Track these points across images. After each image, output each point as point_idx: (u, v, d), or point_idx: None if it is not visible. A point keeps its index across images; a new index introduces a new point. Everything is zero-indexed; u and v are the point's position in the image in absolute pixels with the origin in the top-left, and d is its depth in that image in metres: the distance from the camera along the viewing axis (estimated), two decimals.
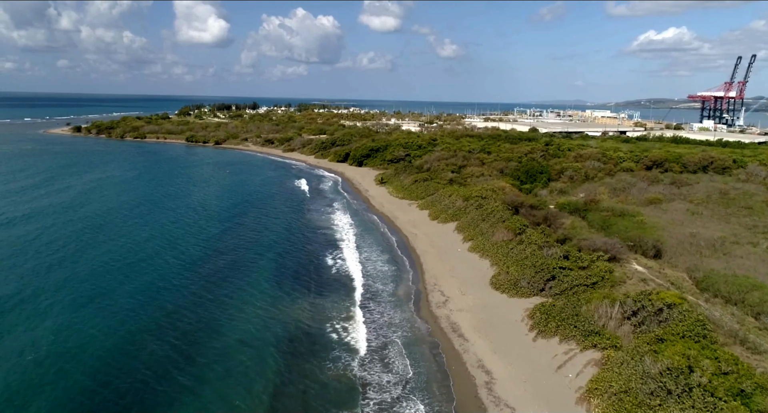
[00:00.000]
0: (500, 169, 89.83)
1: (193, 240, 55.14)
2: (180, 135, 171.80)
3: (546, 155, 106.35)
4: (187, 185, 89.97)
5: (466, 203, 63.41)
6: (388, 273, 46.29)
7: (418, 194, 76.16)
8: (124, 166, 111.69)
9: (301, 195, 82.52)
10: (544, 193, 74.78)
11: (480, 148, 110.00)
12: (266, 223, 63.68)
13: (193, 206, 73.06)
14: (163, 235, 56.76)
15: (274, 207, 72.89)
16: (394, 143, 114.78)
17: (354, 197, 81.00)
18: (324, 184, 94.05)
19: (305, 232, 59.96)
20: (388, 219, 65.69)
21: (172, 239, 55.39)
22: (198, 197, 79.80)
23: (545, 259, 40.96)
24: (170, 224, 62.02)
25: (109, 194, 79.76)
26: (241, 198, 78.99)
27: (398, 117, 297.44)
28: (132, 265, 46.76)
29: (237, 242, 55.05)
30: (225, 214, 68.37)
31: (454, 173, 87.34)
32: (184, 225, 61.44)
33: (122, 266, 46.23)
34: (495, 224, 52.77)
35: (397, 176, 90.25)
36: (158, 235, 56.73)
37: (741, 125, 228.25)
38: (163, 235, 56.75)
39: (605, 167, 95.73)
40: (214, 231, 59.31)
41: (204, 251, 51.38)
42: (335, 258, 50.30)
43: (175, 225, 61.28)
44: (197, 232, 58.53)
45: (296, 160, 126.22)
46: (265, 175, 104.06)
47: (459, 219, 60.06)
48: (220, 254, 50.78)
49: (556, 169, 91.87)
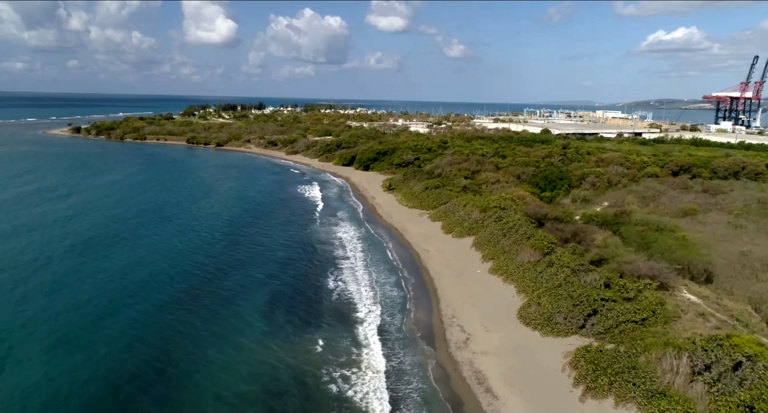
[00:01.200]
0: (517, 175, 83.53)
1: (175, 260, 49.15)
2: (181, 136, 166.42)
3: (564, 159, 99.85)
4: (179, 194, 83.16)
5: (483, 214, 57.24)
6: (398, 300, 40.21)
7: (429, 203, 70.03)
8: (117, 170, 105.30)
9: (301, 204, 76.26)
10: (567, 202, 68.44)
11: (494, 151, 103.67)
12: (261, 238, 57.66)
13: (182, 218, 66.44)
14: (144, 255, 50.40)
15: (271, 219, 66.69)
16: (402, 146, 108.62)
17: (360, 206, 74.92)
18: (327, 190, 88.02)
19: (304, 247, 53.98)
20: (396, 232, 59.62)
21: (153, 259, 49.08)
22: (189, 207, 72.60)
23: (583, 288, 34.75)
24: (153, 240, 55.55)
25: (92, 205, 72.62)
26: (237, 208, 72.48)
27: (406, 118, 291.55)
28: (107, 293, 41.01)
29: (228, 260, 49.11)
30: (216, 227, 62.11)
31: (467, 180, 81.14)
32: (169, 242, 54.92)
33: (91, 299, 40.40)
34: (518, 241, 46.58)
35: (406, 181, 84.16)
36: (137, 254, 50.60)
37: (758, 126, 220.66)
38: (143, 254, 50.45)
39: (629, 172, 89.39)
40: (202, 247, 53.40)
41: (187, 273, 45.49)
42: (337, 280, 44.28)
43: (159, 242, 54.76)
44: (182, 249, 52.51)
45: (299, 163, 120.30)
46: (265, 180, 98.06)
47: (476, 233, 53.90)
48: (206, 275, 44.89)
49: (577, 174, 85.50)
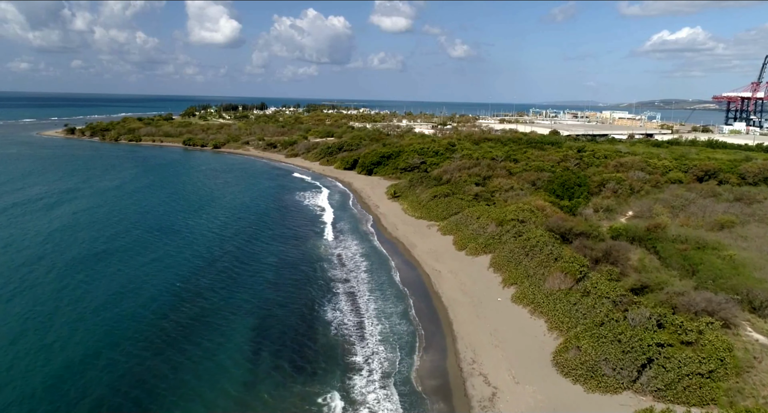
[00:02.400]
0: (532, 181, 77.40)
1: (152, 284, 43.17)
2: (178, 138, 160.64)
3: (581, 163, 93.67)
4: (166, 203, 76.04)
5: (500, 228, 51.17)
6: (405, 337, 34.18)
7: (438, 213, 63.97)
8: (103, 176, 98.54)
9: (298, 214, 70.06)
10: (589, 212, 62.26)
11: (505, 155, 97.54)
12: (252, 255, 51.64)
13: (166, 233, 59.43)
14: (121, 280, 44.20)
15: (265, 232, 60.53)
16: (407, 149, 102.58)
17: (362, 216, 68.83)
18: (327, 198, 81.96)
19: (300, 266, 47.98)
20: (403, 247, 53.60)
21: (129, 287, 42.82)
22: (175, 220, 65.44)
23: (632, 329, 28.65)
24: (130, 263, 48.45)
25: (69, 219, 65.28)
26: (228, 220, 66.05)
27: (409, 118, 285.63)
28: (62, 326, 35.13)
29: (212, 283, 43.10)
30: (201, 242, 55.82)
31: (478, 186, 75.07)
32: (147, 264, 48.38)
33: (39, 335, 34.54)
34: (544, 262, 40.50)
35: (413, 188, 78.12)
36: (114, 279, 44.54)
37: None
38: (121, 281, 43.65)
39: (651, 178, 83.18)
40: (184, 267, 47.36)
41: (164, 301, 39.54)
42: (335, 309, 38.28)
43: (137, 264, 48.18)
44: (161, 270, 46.43)
45: (299, 167, 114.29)
46: (262, 186, 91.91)
47: (493, 251, 47.83)
48: (185, 303, 38.93)
49: (596, 180, 79.43)
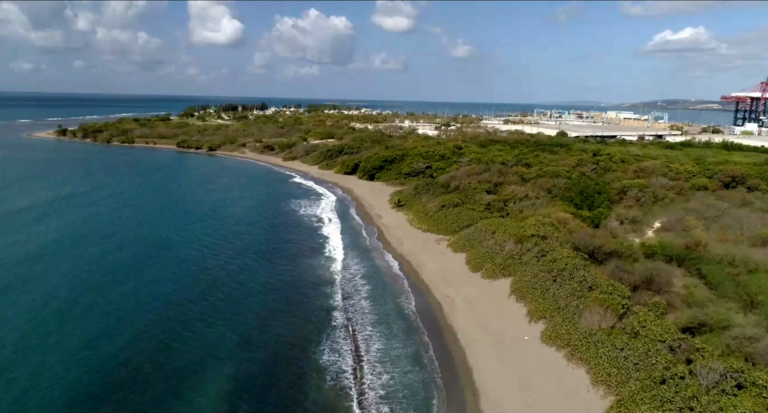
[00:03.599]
0: (548, 188, 71.29)
1: (114, 317, 37.19)
2: (172, 140, 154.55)
3: (597, 168, 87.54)
4: (147, 213, 68.93)
5: (520, 246, 45.08)
6: (418, 390, 28.06)
7: (448, 226, 57.91)
8: (86, 182, 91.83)
9: (292, 227, 63.68)
10: (615, 225, 56.08)
11: (516, 159, 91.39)
12: (235, 277, 45.35)
13: (139, 250, 52.42)
14: (77, 312, 37.96)
15: (253, 247, 54.16)
16: (411, 153, 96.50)
17: (363, 228, 62.69)
18: (325, 207, 75.86)
19: (292, 291, 41.93)
20: (409, 267, 47.49)
21: (84, 322, 36.66)
22: (151, 234, 58.43)
23: (706, 392, 22.56)
24: (95, 291, 41.15)
25: (30, 232, 58.39)
26: (213, 232, 59.52)
27: (412, 119, 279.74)
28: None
29: (183, 316, 36.80)
30: (181, 260, 49.56)
31: (490, 194, 69.01)
32: (110, 289, 41.95)
33: None
34: (577, 291, 34.42)
35: (418, 196, 72.04)
36: (71, 311, 38.50)
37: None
38: (77, 315, 36.94)
39: (675, 184, 77.11)
40: (150, 294, 41.09)
41: (125, 341, 33.55)
42: (332, 350, 32.16)
43: (102, 294, 40.72)
44: (124, 298, 40.34)
45: (297, 171, 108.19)
46: (256, 193, 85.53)
47: (514, 274, 41.77)
48: (149, 344, 32.84)
49: (616, 187, 73.51)
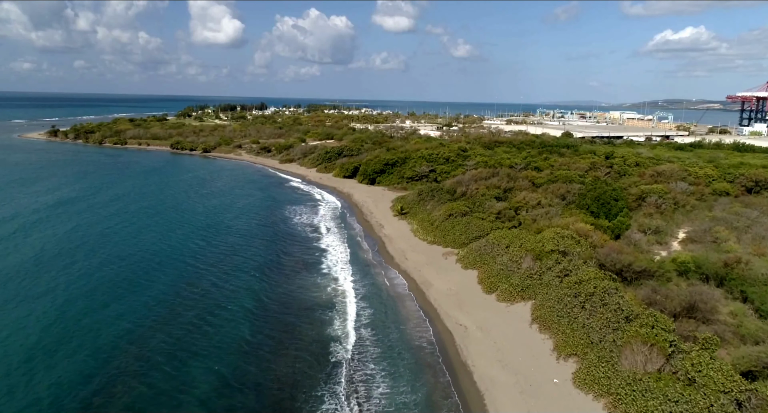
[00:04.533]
0: (561, 195, 66.53)
1: (72, 360, 32.52)
2: (166, 141, 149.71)
3: (612, 172, 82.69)
4: (130, 222, 63.68)
5: (539, 263, 40.31)
6: None
7: (456, 237, 53.13)
8: (71, 186, 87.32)
9: (286, 236, 58.82)
10: (639, 237, 51.26)
11: (524, 162, 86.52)
12: (221, 299, 40.72)
13: (117, 263, 47.81)
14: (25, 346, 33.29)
15: (242, 263, 49.15)
16: (414, 155, 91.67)
17: (363, 238, 57.85)
18: (322, 214, 71.04)
19: (280, 318, 37.10)
20: (414, 286, 42.71)
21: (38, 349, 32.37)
22: (133, 245, 53.57)
23: None
24: (62, 311, 37.40)
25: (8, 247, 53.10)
26: (202, 244, 54.78)
27: (413, 119, 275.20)
28: None
29: (150, 352, 32.25)
30: (162, 277, 44.82)
31: (500, 201, 64.24)
32: (86, 315, 37.55)
33: None
34: (611, 322, 29.64)
35: (422, 203, 67.26)
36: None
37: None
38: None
39: (695, 189, 72.45)
40: (124, 322, 36.49)
41: (85, 385, 28.86)
42: (331, 396, 27.39)
43: (69, 315, 36.65)
44: (93, 329, 35.68)
45: (294, 174, 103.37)
46: (249, 199, 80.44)
47: (533, 297, 37.01)
48: (106, 391, 28.20)
49: (633, 193, 68.81)
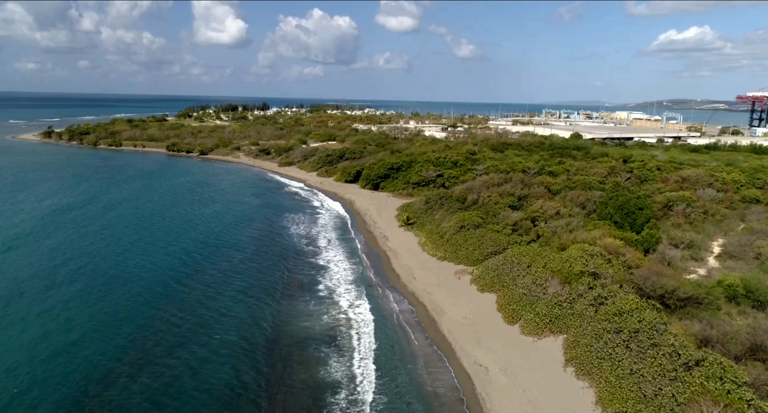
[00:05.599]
0: (581, 203, 61.30)
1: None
2: (162, 142, 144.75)
3: (632, 177, 77.27)
4: (113, 233, 58.92)
5: (567, 287, 35.08)
6: None
7: (469, 253, 47.90)
8: (56, 192, 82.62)
9: (281, 251, 53.61)
10: (674, 254, 45.92)
11: (538, 166, 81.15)
12: (203, 327, 35.77)
13: (93, 282, 43.24)
14: None
15: (230, 283, 43.99)
16: (420, 159, 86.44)
17: (366, 254, 52.55)
18: (321, 224, 65.90)
19: (269, 356, 32.03)
20: (424, 312, 37.51)
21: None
22: (113, 260, 48.75)
23: None
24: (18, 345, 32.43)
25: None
26: (187, 259, 49.85)
27: (417, 119, 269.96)
28: None
29: (123, 396, 27.23)
30: (142, 296, 40.10)
31: (515, 211, 59.02)
32: (49, 353, 32.84)
33: None
34: (668, 370, 24.41)
35: (430, 212, 62.07)
36: None
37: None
38: None
39: (723, 196, 67.27)
40: (91, 359, 31.59)
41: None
42: None
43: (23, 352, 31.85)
44: (54, 374, 30.72)
45: (293, 178, 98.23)
46: (244, 206, 75.07)
47: (565, 330, 31.78)
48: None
49: (659, 201, 63.51)
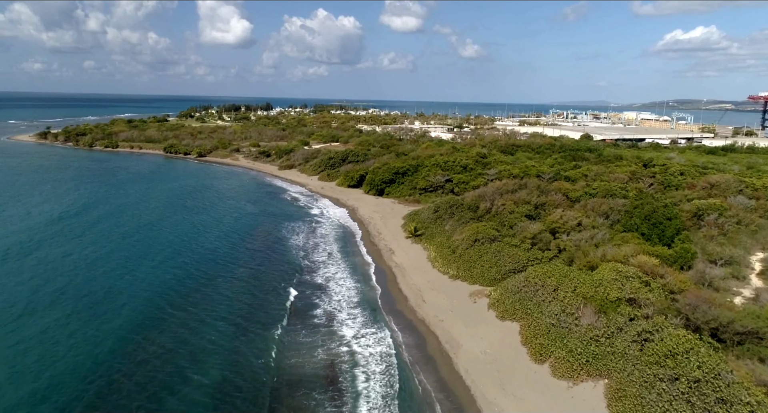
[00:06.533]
0: (604, 212, 56.25)
1: None
2: (160, 144, 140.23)
3: (655, 183, 72.01)
4: (96, 244, 54.31)
5: (603, 318, 30.10)
6: None
7: (485, 271, 42.94)
8: (41, 197, 78.31)
9: (275, 267, 48.61)
10: (717, 273, 40.80)
11: (552, 171, 75.97)
12: (182, 361, 31.06)
13: (65, 305, 39.06)
14: None
15: (215, 308, 39.24)
16: (427, 163, 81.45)
17: (370, 270, 47.55)
18: (322, 234, 61.05)
19: (248, 398, 27.26)
20: (436, 345, 32.57)
21: None
22: (90, 279, 44.50)
23: None
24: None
25: None
26: (169, 278, 44.89)
27: (422, 120, 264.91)
28: None
29: None
30: (115, 323, 35.56)
31: (532, 221, 54.01)
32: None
33: None
34: None
35: (440, 222, 57.13)
36: None
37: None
38: None
39: (756, 204, 62.11)
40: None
41: None
42: None
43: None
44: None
45: (293, 182, 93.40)
46: (239, 214, 70.15)
47: (607, 374, 26.79)
48: None
49: (687, 210, 58.47)
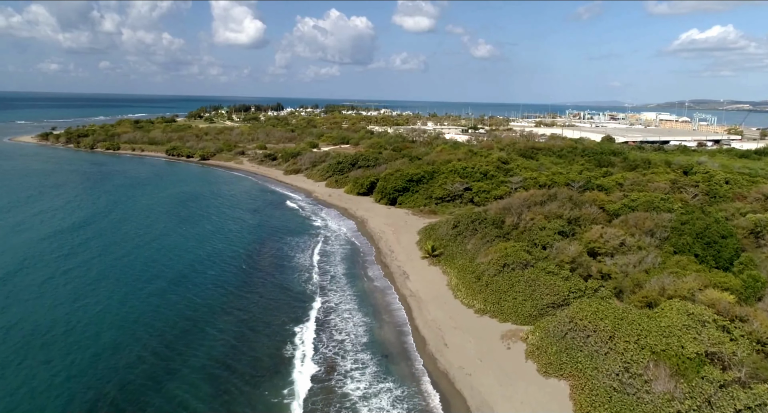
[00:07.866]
0: (648, 229, 49.14)
1: None
2: (162, 146, 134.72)
3: (699, 193, 64.55)
4: (80, 262, 49.40)
5: (683, 383, 23.24)
6: None
7: (518, 304, 36.12)
8: (31, 204, 73.33)
9: (270, 295, 42.26)
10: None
11: (582, 178, 68.66)
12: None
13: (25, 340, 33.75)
14: None
15: (200, 345, 33.39)
16: (444, 169, 74.56)
17: (380, 299, 40.97)
18: (327, 251, 54.50)
19: None
20: (464, 410, 25.85)
21: None
22: (59, 315, 39.13)
23: None
24: None
25: None
26: (151, 306, 39.19)
27: (435, 120, 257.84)
28: None
29: None
30: (77, 364, 29.73)
31: (567, 238, 47.01)
32: None
33: None
34: None
35: (460, 239, 50.29)
36: None
37: None
38: None
39: None
40: None
41: None
42: None
43: None
44: None
45: (298, 189, 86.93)
46: (237, 226, 63.76)
47: None
48: None
49: (743, 226, 51.79)
